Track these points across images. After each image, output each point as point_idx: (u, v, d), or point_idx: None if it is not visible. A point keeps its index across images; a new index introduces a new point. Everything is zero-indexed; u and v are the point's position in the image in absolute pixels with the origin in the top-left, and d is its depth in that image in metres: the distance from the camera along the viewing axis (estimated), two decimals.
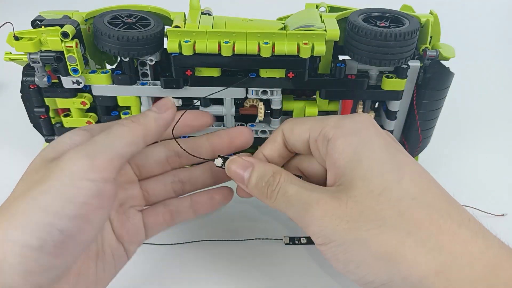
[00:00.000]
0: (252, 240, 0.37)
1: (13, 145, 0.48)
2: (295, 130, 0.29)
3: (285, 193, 0.26)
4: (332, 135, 0.27)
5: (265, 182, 0.27)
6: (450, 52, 0.36)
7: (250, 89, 0.37)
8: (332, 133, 0.27)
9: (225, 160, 0.29)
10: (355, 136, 0.26)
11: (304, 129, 0.29)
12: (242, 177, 0.28)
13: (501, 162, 0.47)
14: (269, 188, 0.27)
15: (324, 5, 0.39)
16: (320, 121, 0.28)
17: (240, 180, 0.28)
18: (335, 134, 0.26)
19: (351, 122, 0.27)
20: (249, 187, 0.28)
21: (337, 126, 0.27)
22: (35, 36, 0.34)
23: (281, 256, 0.36)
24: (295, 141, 0.29)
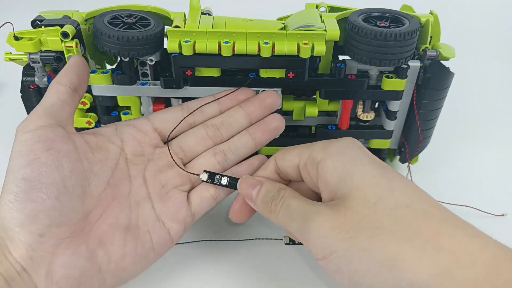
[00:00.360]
0: (252, 240, 0.37)
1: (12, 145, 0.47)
2: (285, 157, 0.31)
3: (288, 206, 0.28)
4: (321, 157, 0.28)
5: (270, 196, 0.29)
6: (450, 52, 0.36)
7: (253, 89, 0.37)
8: (320, 155, 0.29)
9: (210, 175, 0.32)
10: (342, 155, 0.28)
11: (294, 154, 0.31)
12: (251, 194, 0.30)
13: (501, 162, 0.47)
14: (273, 202, 0.29)
15: (324, 5, 0.39)
16: (308, 147, 0.30)
17: (249, 197, 0.30)
18: (323, 156, 0.28)
19: (337, 144, 0.29)
20: (256, 203, 0.30)
21: (324, 149, 0.29)
22: (35, 36, 0.34)
23: (281, 256, 0.36)
24: (286, 167, 0.31)
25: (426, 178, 0.40)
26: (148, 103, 0.38)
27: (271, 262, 0.36)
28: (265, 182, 0.30)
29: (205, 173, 0.32)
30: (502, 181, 0.44)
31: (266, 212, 0.29)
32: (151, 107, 0.38)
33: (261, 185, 0.30)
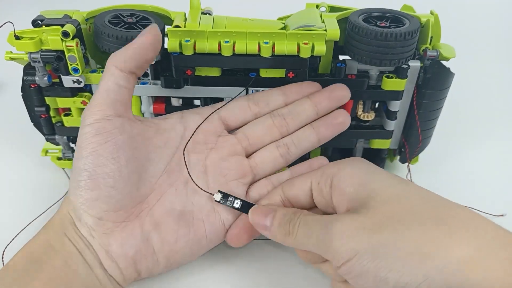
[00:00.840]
0: (252, 240, 0.37)
1: (13, 144, 0.48)
2: (295, 183, 0.31)
3: (306, 222, 0.28)
4: (336, 170, 0.29)
5: (287, 219, 0.29)
6: (451, 52, 0.36)
7: (250, 89, 0.37)
8: (335, 169, 0.30)
9: (224, 195, 0.32)
10: (357, 167, 0.29)
11: (304, 179, 0.31)
12: (263, 224, 0.29)
13: (501, 162, 0.47)
14: (291, 223, 0.28)
15: (324, 5, 0.39)
16: (316, 170, 0.31)
17: (261, 226, 0.30)
18: (339, 168, 0.30)
19: (350, 160, 0.31)
20: (272, 230, 0.29)
21: (338, 164, 0.30)
22: (35, 35, 0.34)
23: (281, 257, 0.36)
24: (297, 193, 0.31)
25: (426, 178, 0.40)
26: (148, 103, 0.38)
27: (271, 263, 0.36)
28: (278, 208, 0.30)
29: (219, 193, 0.32)
30: (502, 181, 0.44)
31: (283, 236, 0.28)
32: (151, 107, 0.38)
33: (275, 211, 0.29)
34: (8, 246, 0.35)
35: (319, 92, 0.35)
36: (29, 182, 0.42)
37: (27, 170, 0.44)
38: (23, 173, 0.44)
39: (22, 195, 0.41)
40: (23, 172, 0.44)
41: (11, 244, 0.35)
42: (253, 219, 0.30)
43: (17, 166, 0.45)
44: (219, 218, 0.32)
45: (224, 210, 0.32)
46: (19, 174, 0.44)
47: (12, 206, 0.40)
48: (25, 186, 0.42)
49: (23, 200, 0.41)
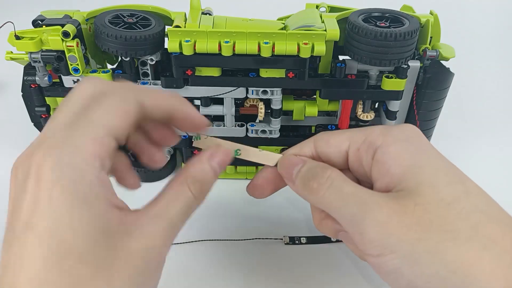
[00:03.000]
0: (252, 240, 0.37)
1: (13, 144, 0.48)
2: (331, 141, 0.27)
3: (339, 189, 0.24)
4: (382, 141, 0.25)
5: (312, 174, 0.25)
6: (450, 52, 0.36)
7: (250, 89, 0.37)
8: (381, 140, 0.25)
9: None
10: (408, 143, 0.25)
11: (343, 139, 0.27)
12: (291, 173, 0.26)
13: (501, 162, 0.47)
14: (316, 180, 0.25)
15: (324, 5, 0.39)
16: (362, 131, 0.26)
17: (289, 176, 0.27)
18: (385, 141, 0.25)
19: (400, 130, 0.25)
20: (295, 182, 0.26)
21: (385, 134, 0.25)
22: (36, 35, 0.34)
23: (281, 256, 0.36)
24: (330, 152, 0.27)
25: None
26: None
27: (271, 262, 0.36)
28: (308, 160, 0.27)
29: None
30: (502, 181, 0.44)
31: (306, 193, 0.25)
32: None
33: (304, 163, 0.26)
34: None
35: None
36: None
37: None
38: None
39: None
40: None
41: None
42: (281, 168, 0.27)
43: None
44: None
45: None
46: None
47: None
48: None
49: None
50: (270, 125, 0.40)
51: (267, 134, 0.40)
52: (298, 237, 0.37)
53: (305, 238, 0.37)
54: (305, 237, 0.37)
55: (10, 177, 0.23)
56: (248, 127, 0.40)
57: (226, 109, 0.38)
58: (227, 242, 0.37)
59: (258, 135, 0.40)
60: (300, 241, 0.37)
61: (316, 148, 0.27)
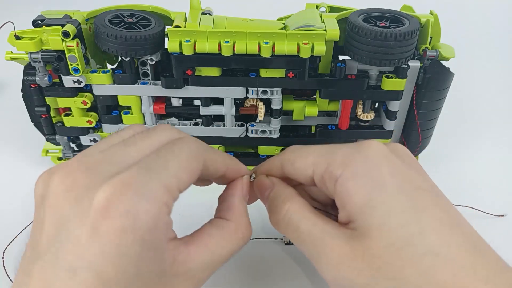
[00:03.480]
0: (252, 239, 0.37)
1: (14, 144, 0.48)
2: (296, 164, 0.27)
3: (296, 228, 0.25)
4: (340, 174, 0.24)
5: (274, 206, 0.26)
6: (450, 52, 0.36)
7: (250, 89, 0.37)
8: (340, 171, 0.24)
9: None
10: (366, 178, 0.23)
11: (307, 163, 0.26)
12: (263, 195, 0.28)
13: (501, 162, 0.47)
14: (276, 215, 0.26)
15: (324, 5, 0.39)
16: (325, 155, 0.25)
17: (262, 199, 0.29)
18: (344, 174, 0.24)
19: (361, 159, 0.24)
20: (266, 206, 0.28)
21: (345, 164, 0.24)
22: (36, 35, 0.34)
23: (281, 256, 0.36)
24: (297, 175, 0.27)
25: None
26: (148, 103, 0.38)
27: (271, 262, 0.36)
28: (277, 183, 0.28)
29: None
30: (502, 181, 0.44)
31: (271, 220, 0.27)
32: (151, 107, 0.38)
33: (272, 188, 0.27)
34: (8, 246, 0.35)
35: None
36: (29, 182, 0.42)
37: (28, 170, 0.44)
38: (23, 173, 0.44)
39: (22, 195, 0.41)
40: (24, 172, 0.44)
41: (11, 245, 0.35)
42: (256, 191, 0.29)
43: (18, 166, 0.45)
44: None
45: None
46: (19, 174, 0.44)
47: (12, 206, 0.40)
48: (26, 186, 0.42)
49: (23, 200, 0.41)
50: (270, 125, 0.40)
51: (267, 134, 0.40)
52: None
53: None
54: None
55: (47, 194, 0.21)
56: (248, 127, 0.40)
57: (226, 109, 0.38)
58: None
59: (258, 135, 0.40)
60: None
61: (283, 170, 0.28)
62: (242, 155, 0.43)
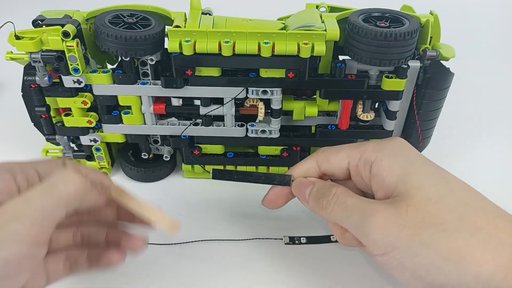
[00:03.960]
0: (252, 239, 0.37)
1: (14, 144, 0.48)
2: (331, 160, 0.31)
3: (343, 203, 0.28)
4: (375, 157, 0.29)
5: (321, 194, 0.30)
6: (450, 52, 0.36)
7: (250, 89, 0.37)
8: (374, 156, 0.29)
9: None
10: (398, 156, 0.29)
11: (342, 157, 0.31)
12: (304, 194, 0.31)
13: (501, 162, 0.47)
14: (325, 199, 0.29)
15: (324, 5, 0.39)
16: (357, 147, 0.30)
17: (302, 197, 0.31)
18: (378, 156, 0.29)
19: (390, 145, 0.29)
20: (309, 202, 0.31)
21: (377, 150, 0.29)
22: (36, 35, 0.34)
23: (281, 256, 0.36)
24: (333, 170, 0.31)
25: None
26: (148, 103, 0.38)
27: (271, 262, 0.36)
28: (317, 181, 0.31)
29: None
30: (502, 181, 0.44)
31: (317, 210, 0.30)
32: (151, 107, 0.38)
33: (313, 184, 0.31)
34: None
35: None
36: None
37: None
38: None
39: None
40: None
41: None
42: (295, 191, 0.32)
43: None
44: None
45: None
46: None
47: None
48: None
49: None
50: (270, 125, 0.40)
51: (267, 134, 0.40)
52: (298, 237, 0.37)
53: (305, 238, 0.37)
54: (305, 237, 0.37)
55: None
56: (248, 127, 0.40)
57: (226, 109, 0.38)
58: (227, 242, 0.37)
59: (258, 135, 0.40)
60: (300, 241, 0.37)
61: (320, 167, 0.32)
62: (242, 155, 0.43)
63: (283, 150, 0.42)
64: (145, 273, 0.35)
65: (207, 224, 0.39)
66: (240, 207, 0.41)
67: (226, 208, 0.41)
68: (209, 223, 0.39)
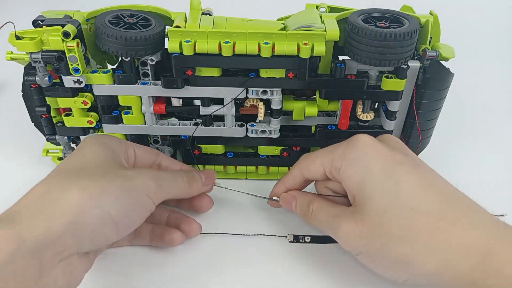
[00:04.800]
0: (257, 235, 0.37)
1: (14, 144, 0.48)
2: (310, 168, 0.35)
3: (319, 219, 0.33)
4: (341, 165, 0.32)
5: (303, 211, 0.35)
6: (450, 52, 0.37)
7: (250, 89, 0.37)
8: (340, 164, 0.32)
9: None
10: (357, 165, 0.31)
11: (318, 165, 0.34)
12: (291, 208, 0.36)
13: (500, 162, 0.47)
14: (306, 215, 0.35)
15: (324, 5, 0.39)
16: (328, 155, 0.34)
17: (290, 209, 0.36)
18: (342, 165, 0.32)
19: (354, 150, 0.32)
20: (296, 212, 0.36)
21: (343, 157, 0.32)
22: (36, 35, 0.34)
23: (284, 253, 0.36)
24: (313, 176, 0.35)
25: None
26: (149, 103, 0.38)
27: (274, 259, 0.36)
28: (298, 197, 0.36)
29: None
30: (501, 181, 0.45)
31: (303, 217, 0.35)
32: (151, 107, 0.38)
33: (295, 199, 0.36)
34: None
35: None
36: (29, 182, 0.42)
37: (28, 171, 0.44)
38: (23, 173, 0.44)
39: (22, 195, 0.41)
40: (24, 172, 0.44)
41: None
42: (283, 204, 0.37)
43: (18, 167, 0.45)
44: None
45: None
46: (19, 174, 0.44)
47: None
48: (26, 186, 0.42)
49: None
50: (270, 125, 0.40)
51: (267, 134, 0.40)
52: (303, 236, 0.37)
53: (309, 237, 0.37)
54: (310, 236, 0.37)
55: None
56: (248, 127, 0.40)
57: (226, 109, 0.38)
58: (232, 236, 0.37)
59: (258, 135, 0.40)
60: (305, 240, 0.37)
61: (303, 175, 0.36)
62: (242, 155, 0.43)
63: (283, 150, 0.42)
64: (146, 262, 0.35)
65: (213, 217, 0.39)
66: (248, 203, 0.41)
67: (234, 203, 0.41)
68: (215, 216, 0.39)
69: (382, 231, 0.29)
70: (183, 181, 0.34)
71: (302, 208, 0.35)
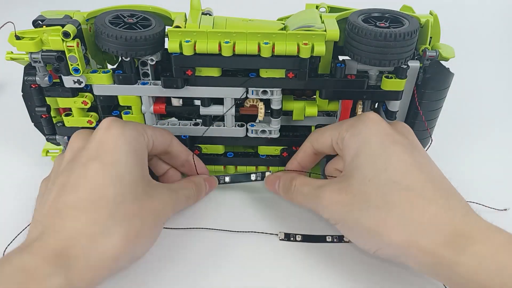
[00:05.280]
0: (248, 232, 0.38)
1: (14, 144, 0.48)
2: (319, 140, 0.36)
3: (301, 192, 0.35)
4: (345, 136, 0.33)
5: (286, 187, 0.36)
6: (450, 53, 0.37)
7: (250, 89, 0.37)
8: (345, 134, 0.33)
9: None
10: (358, 136, 0.32)
11: (326, 137, 0.35)
12: (275, 189, 0.38)
13: (501, 160, 0.47)
14: (289, 190, 0.36)
15: (324, 5, 0.39)
16: (337, 127, 0.35)
17: (274, 190, 0.38)
18: (346, 136, 0.33)
19: (360, 123, 0.33)
20: (279, 192, 0.38)
21: (349, 128, 0.33)
22: (36, 35, 0.34)
23: (274, 251, 0.36)
24: (322, 148, 0.36)
25: None
26: (149, 103, 0.38)
27: (263, 256, 0.36)
28: (282, 176, 0.38)
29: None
30: (503, 178, 0.45)
31: (286, 198, 0.37)
32: (151, 107, 0.38)
33: (279, 178, 0.37)
34: (8, 246, 0.35)
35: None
36: (29, 182, 0.42)
37: (28, 171, 0.44)
38: (23, 173, 0.44)
39: (22, 195, 0.41)
40: (24, 172, 0.44)
41: (11, 244, 0.35)
42: (267, 185, 0.39)
43: (18, 167, 0.45)
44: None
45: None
46: (19, 174, 0.44)
47: (12, 206, 0.40)
48: (26, 186, 0.42)
49: (23, 200, 0.41)
50: (270, 125, 0.40)
51: (267, 134, 0.40)
52: (294, 234, 0.37)
53: (300, 236, 0.37)
54: (301, 234, 0.37)
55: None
56: (248, 127, 0.40)
57: (226, 109, 0.38)
58: (222, 232, 0.38)
59: (258, 135, 0.40)
60: (295, 238, 0.37)
61: (313, 147, 0.37)
62: (242, 155, 0.43)
63: (283, 150, 0.42)
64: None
65: (203, 213, 0.39)
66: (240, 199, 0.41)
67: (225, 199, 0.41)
68: (205, 211, 0.40)
69: (363, 199, 0.30)
70: (194, 196, 0.38)
71: (285, 185, 0.36)
